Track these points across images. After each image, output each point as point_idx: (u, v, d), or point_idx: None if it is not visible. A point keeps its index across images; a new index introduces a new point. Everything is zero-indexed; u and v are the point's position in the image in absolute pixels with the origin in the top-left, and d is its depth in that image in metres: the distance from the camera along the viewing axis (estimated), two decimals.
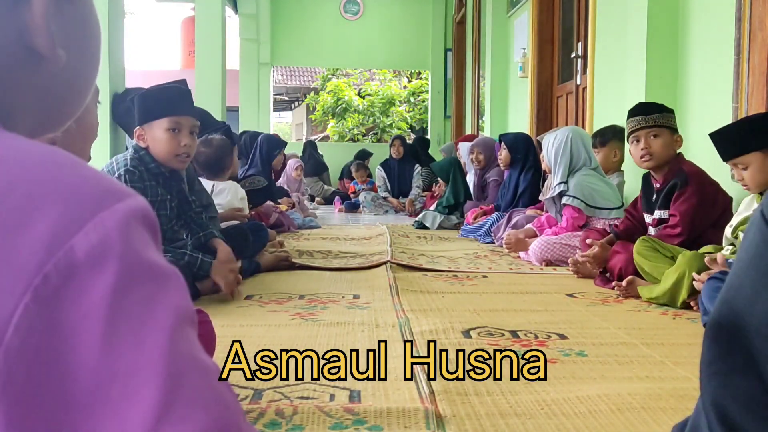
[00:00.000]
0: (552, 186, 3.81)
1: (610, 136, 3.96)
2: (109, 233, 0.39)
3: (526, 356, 1.74)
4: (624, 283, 2.67)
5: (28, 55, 0.49)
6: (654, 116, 2.84)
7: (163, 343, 0.38)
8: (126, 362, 0.37)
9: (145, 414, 0.36)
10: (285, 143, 5.96)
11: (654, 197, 2.92)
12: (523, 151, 4.89)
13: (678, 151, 2.88)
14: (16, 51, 0.48)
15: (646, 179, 3.01)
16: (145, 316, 0.38)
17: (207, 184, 3.50)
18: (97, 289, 0.38)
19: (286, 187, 6.97)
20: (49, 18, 0.48)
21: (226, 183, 3.75)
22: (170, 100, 2.53)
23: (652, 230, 2.89)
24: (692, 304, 2.39)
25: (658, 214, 2.87)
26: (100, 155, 2.67)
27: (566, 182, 3.72)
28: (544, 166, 4.24)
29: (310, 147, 9.76)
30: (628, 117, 2.92)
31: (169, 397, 0.37)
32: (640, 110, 2.89)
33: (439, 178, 6.33)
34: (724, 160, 2.45)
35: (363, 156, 9.41)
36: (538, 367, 1.65)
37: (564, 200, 3.69)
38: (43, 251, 0.37)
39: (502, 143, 5.01)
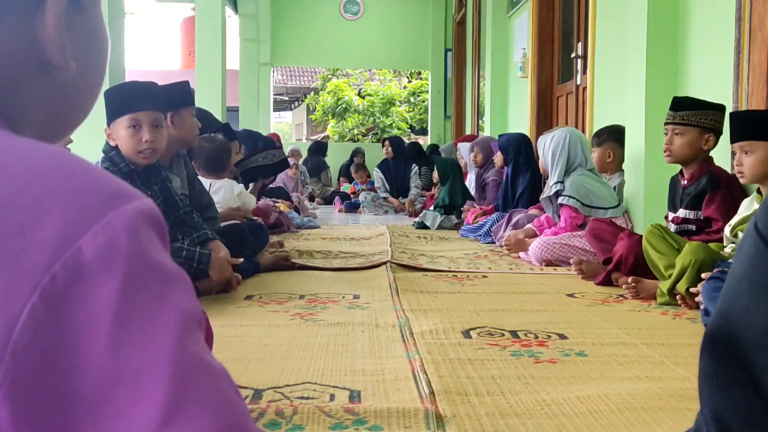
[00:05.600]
0: (549, 185, 3.82)
1: (605, 137, 3.95)
2: (117, 234, 0.39)
3: (527, 356, 1.75)
4: (629, 280, 2.65)
5: (40, 65, 0.49)
6: (683, 113, 2.82)
7: (170, 344, 0.38)
8: (133, 363, 0.37)
9: (151, 415, 0.36)
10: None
11: (680, 195, 2.90)
12: (513, 152, 4.88)
13: (709, 154, 2.86)
14: (28, 62, 0.49)
15: (674, 179, 2.99)
16: (152, 316, 0.39)
17: (204, 182, 3.51)
18: (105, 289, 0.38)
19: (285, 188, 6.97)
20: (61, 30, 0.49)
21: (222, 181, 3.77)
22: (127, 97, 2.50)
23: (672, 227, 2.87)
24: (689, 303, 2.39)
25: (683, 213, 2.85)
26: (98, 155, 2.65)
27: (563, 182, 3.73)
28: (541, 168, 4.26)
29: (314, 147, 9.78)
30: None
31: (175, 398, 0.37)
32: (673, 104, 2.89)
33: (435, 177, 6.32)
34: (732, 141, 2.47)
35: (355, 154, 9.45)
36: (539, 368, 1.65)
37: (560, 200, 3.70)
38: (51, 251, 0.37)
39: None
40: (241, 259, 2.67)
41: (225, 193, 3.72)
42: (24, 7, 0.48)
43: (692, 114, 2.82)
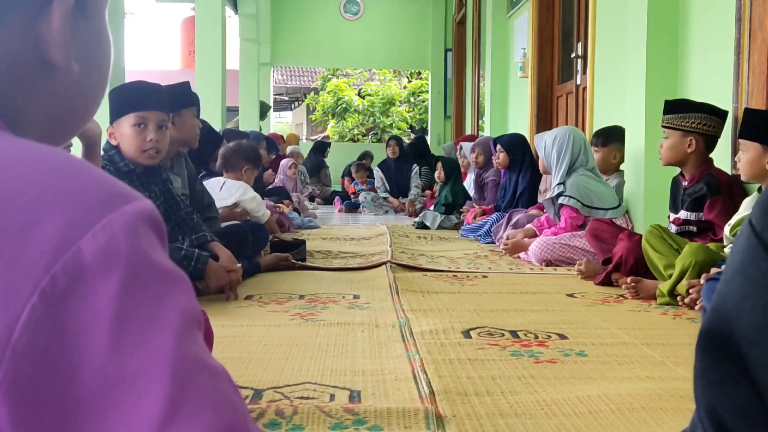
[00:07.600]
0: (551, 186, 3.81)
1: (611, 138, 3.94)
2: (117, 235, 0.39)
3: (527, 356, 1.75)
4: (629, 280, 2.65)
5: (42, 66, 0.50)
6: (667, 117, 2.88)
7: (170, 344, 0.39)
8: (132, 363, 0.37)
9: (151, 415, 0.37)
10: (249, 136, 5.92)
11: (681, 196, 2.90)
12: (521, 151, 4.89)
13: (710, 156, 2.87)
14: (31, 62, 0.49)
15: (675, 179, 3.00)
16: (152, 317, 0.39)
17: (219, 180, 3.61)
18: (105, 290, 0.38)
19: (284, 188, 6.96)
20: (66, 32, 0.49)
21: (237, 183, 3.77)
22: (134, 95, 2.49)
23: (673, 228, 2.87)
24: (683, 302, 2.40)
25: (684, 214, 2.85)
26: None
27: (564, 183, 3.72)
28: (541, 167, 4.24)
29: (316, 147, 9.77)
30: None
31: (175, 398, 0.37)
32: (663, 107, 2.91)
33: (440, 176, 6.29)
34: (738, 137, 2.52)
35: (363, 156, 9.42)
36: (539, 368, 1.65)
37: (561, 200, 3.69)
38: (51, 252, 0.38)
39: (498, 146, 5.00)
40: (239, 265, 2.66)
41: (237, 192, 3.74)
42: (29, 6, 0.48)
43: (674, 117, 2.84)
